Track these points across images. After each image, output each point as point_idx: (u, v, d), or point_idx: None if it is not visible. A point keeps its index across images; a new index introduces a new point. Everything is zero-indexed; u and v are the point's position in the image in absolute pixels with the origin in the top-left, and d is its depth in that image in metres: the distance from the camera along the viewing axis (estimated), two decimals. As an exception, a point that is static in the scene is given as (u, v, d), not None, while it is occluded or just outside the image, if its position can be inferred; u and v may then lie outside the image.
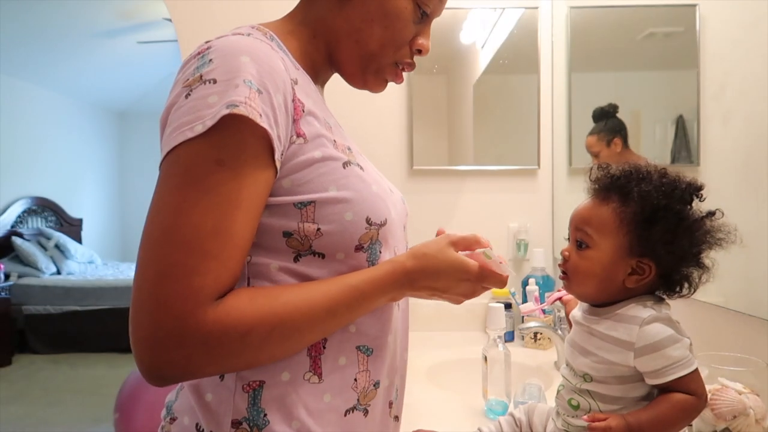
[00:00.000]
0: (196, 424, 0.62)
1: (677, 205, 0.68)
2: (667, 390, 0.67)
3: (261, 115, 0.56)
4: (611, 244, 0.71)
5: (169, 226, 0.54)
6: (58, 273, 5.31)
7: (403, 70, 0.77)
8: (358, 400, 0.65)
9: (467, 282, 0.68)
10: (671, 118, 1.29)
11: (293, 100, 0.61)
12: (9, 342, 4.58)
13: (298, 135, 0.61)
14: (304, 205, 0.60)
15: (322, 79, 0.78)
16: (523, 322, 1.52)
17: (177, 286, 0.52)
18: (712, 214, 0.69)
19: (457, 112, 1.85)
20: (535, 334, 1.56)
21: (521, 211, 1.82)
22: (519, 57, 1.81)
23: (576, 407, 0.72)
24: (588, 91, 1.72)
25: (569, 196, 1.72)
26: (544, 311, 1.52)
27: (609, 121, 1.56)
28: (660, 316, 0.68)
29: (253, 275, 0.61)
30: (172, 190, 0.55)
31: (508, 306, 1.62)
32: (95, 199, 6.71)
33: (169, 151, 0.56)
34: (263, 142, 0.57)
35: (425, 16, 0.73)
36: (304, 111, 0.62)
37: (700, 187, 0.70)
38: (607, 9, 1.63)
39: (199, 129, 0.54)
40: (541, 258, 1.71)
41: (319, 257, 0.62)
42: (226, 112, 0.54)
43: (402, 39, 0.72)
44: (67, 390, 3.93)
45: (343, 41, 0.72)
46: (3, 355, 4.49)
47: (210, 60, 0.57)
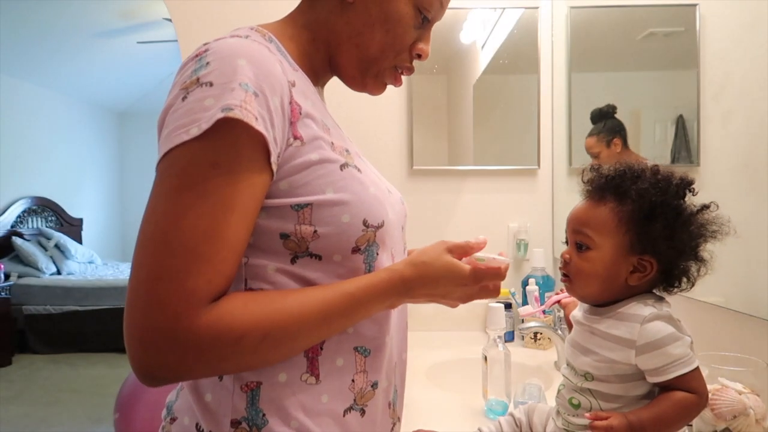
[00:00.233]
0: (196, 424, 0.63)
1: (673, 200, 0.69)
2: (668, 388, 0.67)
3: (257, 118, 0.56)
4: (612, 244, 0.71)
5: (163, 228, 0.54)
6: (58, 273, 5.31)
7: (402, 73, 0.77)
8: (355, 400, 0.65)
9: (465, 286, 0.68)
10: (671, 118, 1.29)
11: (290, 102, 0.61)
12: (9, 342, 4.58)
13: (295, 137, 0.61)
14: (300, 207, 0.60)
15: (321, 81, 0.78)
16: (522, 322, 1.52)
17: (170, 288, 0.52)
18: (707, 207, 0.70)
19: (457, 112, 1.85)
20: (535, 334, 1.56)
21: (521, 211, 1.82)
22: (519, 57, 1.81)
23: (577, 406, 0.73)
24: (588, 91, 1.72)
25: (569, 196, 1.72)
26: (543, 312, 1.52)
27: (608, 122, 1.56)
28: (661, 314, 0.69)
29: (251, 276, 0.62)
30: (167, 192, 0.55)
31: (508, 306, 1.62)
32: (95, 199, 6.71)
33: (165, 154, 0.56)
34: (259, 145, 0.57)
35: (426, 22, 0.73)
36: (301, 113, 0.62)
37: (692, 182, 0.71)
38: (607, 9, 1.63)
39: (195, 132, 0.54)
40: (541, 258, 1.71)
41: (316, 259, 0.62)
42: (222, 115, 0.54)
43: (403, 44, 0.72)
44: (67, 390, 3.93)
45: (343, 45, 0.72)
46: (3, 355, 4.49)
47: (207, 63, 0.58)
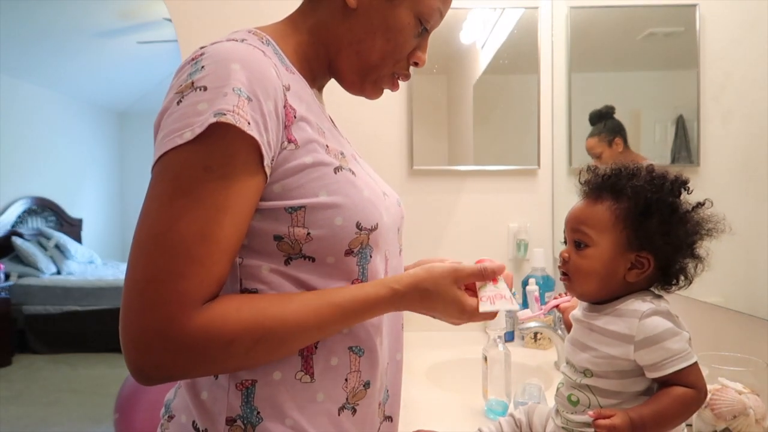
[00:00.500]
0: (193, 421, 0.64)
1: (669, 197, 0.71)
2: (667, 384, 0.68)
3: (249, 122, 0.56)
4: (610, 241, 0.72)
5: (156, 230, 0.55)
6: (58, 273, 5.31)
7: (399, 79, 0.78)
8: (347, 399, 0.67)
9: (463, 317, 0.70)
10: (671, 118, 1.29)
11: (285, 106, 0.62)
12: (9, 342, 4.58)
13: (290, 141, 0.62)
14: (294, 209, 0.61)
15: (319, 84, 0.78)
16: (522, 322, 1.52)
17: (163, 290, 0.54)
18: (702, 204, 0.71)
19: (457, 112, 1.85)
20: (535, 334, 1.56)
21: (521, 211, 1.82)
22: (519, 57, 1.81)
23: (575, 403, 0.73)
24: (588, 91, 1.72)
25: (569, 196, 1.71)
26: (543, 315, 1.52)
27: (608, 122, 1.56)
28: (659, 309, 0.69)
29: (245, 277, 0.63)
30: (160, 195, 0.56)
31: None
32: (95, 199, 6.71)
33: (160, 157, 0.57)
34: (251, 149, 0.57)
35: (425, 32, 0.74)
36: (296, 117, 0.63)
37: (686, 181, 0.72)
38: (607, 9, 1.63)
39: (188, 136, 0.55)
40: (541, 258, 1.71)
41: (309, 261, 0.63)
42: (214, 120, 0.55)
43: (402, 52, 0.74)
44: (67, 390, 3.93)
45: (344, 50, 0.73)
46: (3, 355, 4.50)
47: (202, 66, 0.58)
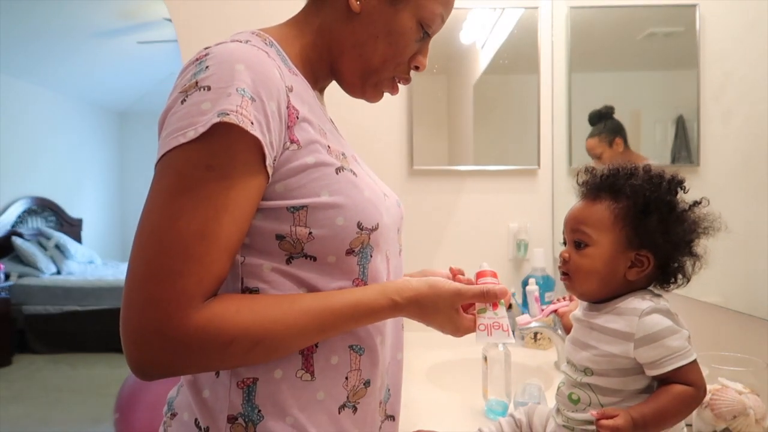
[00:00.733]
0: (195, 419, 0.64)
1: (666, 195, 0.72)
2: (666, 382, 0.68)
3: (252, 122, 0.57)
4: (609, 240, 0.73)
5: (157, 228, 0.56)
6: (58, 273, 5.30)
7: (399, 82, 0.79)
8: (348, 397, 0.67)
9: (454, 335, 0.74)
10: (671, 118, 1.29)
11: (287, 107, 0.62)
12: (9, 342, 4.58)
13: (292, 141, 0.62)
14: (296, 209, 0.62)
15: (321, 85, 0.79)
16: (523, 322, 1.52)
17: (162, 287, 0.54)
18: (699, 202, 0.72)
19: (457, 112, 1.85)
20: (535, 334, 1.56)
21: (521, 211, 1.82)
22: (519, 57, 1.81)
23: (576, 401, 0.73)
24: (588, 91, 1.72)
25: (569, 196, 1.70)
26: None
27: (608, 123, 1.56)
28: (659, 307, 0.70)
29: (247, 275, 0.63)
30: (162, 193, 0.57)
31: (509, 307, 1.61)
32: (95, 199, 6.71)
33: (163, 155, 0.57)
34: (254, 149, 0.58)
35: (426, 36, 0.75)
36: (298, 118, 0.63)
37: (683, 180, 0.73)
38: (607, 9, 1.64)
39: (191, 135, 0.56)
40: (541, 258, 1.71)
41: (310, 260, 0.64)
42: (217, 120, 0.55)
43: (403, 56, 0.74)
44: (67, 390, 3.93)
45: (346, 53, 0.73)
46: (3, 355, 4.49)
47: (206, 67, 0.59)
